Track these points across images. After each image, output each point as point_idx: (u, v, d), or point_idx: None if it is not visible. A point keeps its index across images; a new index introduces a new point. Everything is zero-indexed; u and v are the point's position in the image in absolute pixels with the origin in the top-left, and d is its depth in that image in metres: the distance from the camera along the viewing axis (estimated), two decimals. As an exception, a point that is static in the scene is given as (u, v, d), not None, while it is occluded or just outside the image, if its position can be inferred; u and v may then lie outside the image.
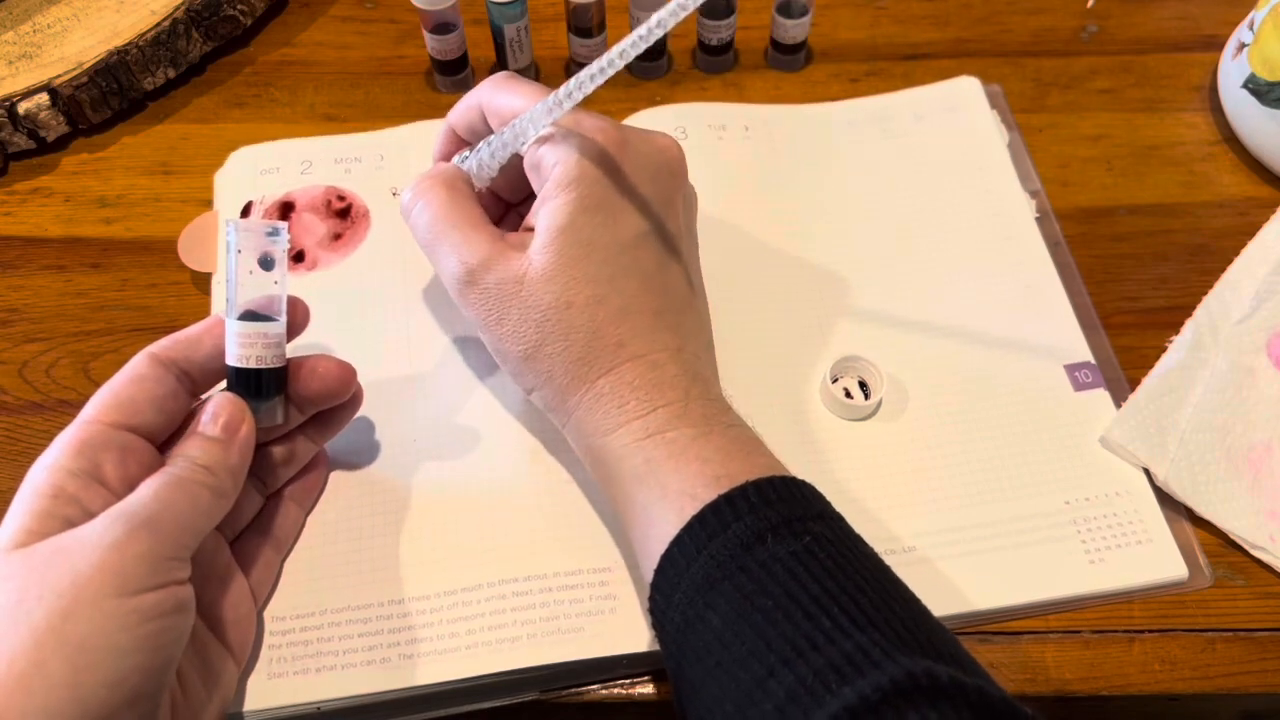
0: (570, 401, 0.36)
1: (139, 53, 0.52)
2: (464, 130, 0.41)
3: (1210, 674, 0.38)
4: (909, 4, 0.60)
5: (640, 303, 0.36)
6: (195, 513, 0.31)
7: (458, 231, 0.36)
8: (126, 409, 0.33)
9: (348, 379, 0.37)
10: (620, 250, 0.36)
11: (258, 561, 0.37)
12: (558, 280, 0.35)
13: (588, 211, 0.35)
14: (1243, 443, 0.41)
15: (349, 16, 0.59)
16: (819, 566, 0.30)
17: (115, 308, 0.47)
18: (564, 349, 0.35)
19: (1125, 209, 0.51)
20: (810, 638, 0.28)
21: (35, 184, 0.52)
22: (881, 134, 0.52)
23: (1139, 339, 0.45)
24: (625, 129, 0.37)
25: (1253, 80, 0.49)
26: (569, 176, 0.35)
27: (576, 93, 0.34)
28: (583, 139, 0.36)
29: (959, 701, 0.27)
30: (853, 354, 0.43)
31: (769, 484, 0.33)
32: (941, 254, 0.48)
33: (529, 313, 0.35)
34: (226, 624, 0.35)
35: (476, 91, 0.39)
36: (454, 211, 0.37)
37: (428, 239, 0.38)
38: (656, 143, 0.38)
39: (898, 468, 0.42)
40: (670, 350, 0.36)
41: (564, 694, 0.38)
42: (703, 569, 0.31)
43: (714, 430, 0.35)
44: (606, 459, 0.35)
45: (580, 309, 0.35)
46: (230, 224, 0.35)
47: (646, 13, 0.53)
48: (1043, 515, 0.40)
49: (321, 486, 0.40)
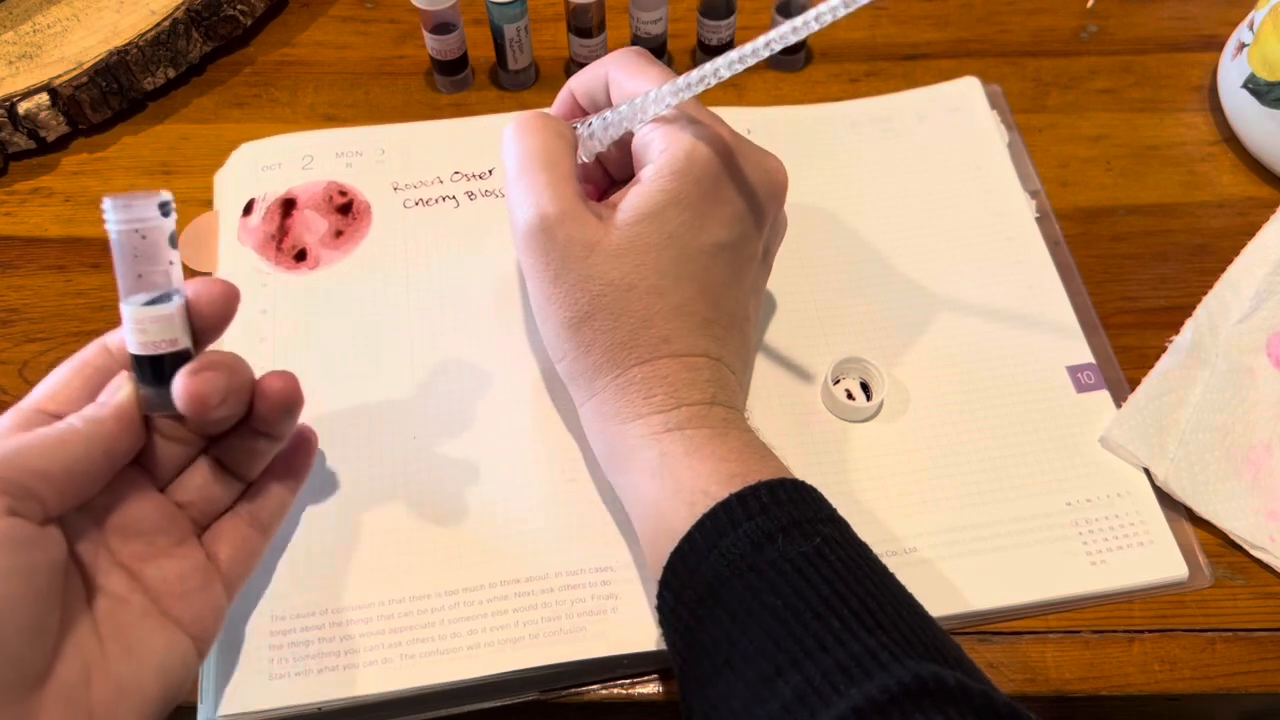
0: (599, 381, 0.36)
1: (139, 53, 0.52)
2: (584, 97, 0.40)
3: (1210, 674, 0.38)
4: (909, 4, 0.60)
5: (694, 306, 0.36)
6: (24, 452, 0.30)
7: (547, 174, 0.36)
8: (58, 395, 0.33)
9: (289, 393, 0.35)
10: (696, 254, 0.36)
11: (234, 540, 0.36)
12: (628, 261, 0.35)
13: (679, 207, 0.35)
14: (1243, 443, 0.41)
15: (349, 16, 0.59)
16: (829, 568, 0.30)
17: (115, 308, 0.47)
18: (611, 328, 0.35)
19: (1125, 209, 0.51)
20: (819, 638, 0.28)
21: (35, 184, 0.52)
22: (882, 134, 0.52)
23: (1139, 339, 0.45)
24: (741, 139, 0.37)
25: (1253, 80, 0.49)
26: (673, 168, 0.35)
27: (710, 78, 0.33)
28: (697, 134, 0.36)
29: (965, 706, 0.27)
30: (854, 355, 0.43)
31: (780, 485, 0.33)
32: (942, 254, 0.48)
33: (588, 282, 0.35)
34: (173, 596, 0.33)
35: (606, 62, 0.39)
36: (551, 155, 0.36)
37: (516, 171, 0.37)
38: (767, 163, 0.38)
39: (899, 468, 0.42)
40: (709, 357, 0.36)
41: (564, 694, 0.38)
42: (713, 567, 0.31)
43: (731, 434, 0.35)
44: (621, 447, 0.35)
45: (640, 295, 0.35)
46: (107, 200, 0.32)
47: (646, 13, 0.53)
48: (1044, 516, 0.40)
49: (309, 465, 0.39)
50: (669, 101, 0.35)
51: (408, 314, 0.46)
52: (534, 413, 0.43)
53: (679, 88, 0.34)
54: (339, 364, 0.44)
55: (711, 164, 0.36)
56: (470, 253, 0.48)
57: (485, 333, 0.45)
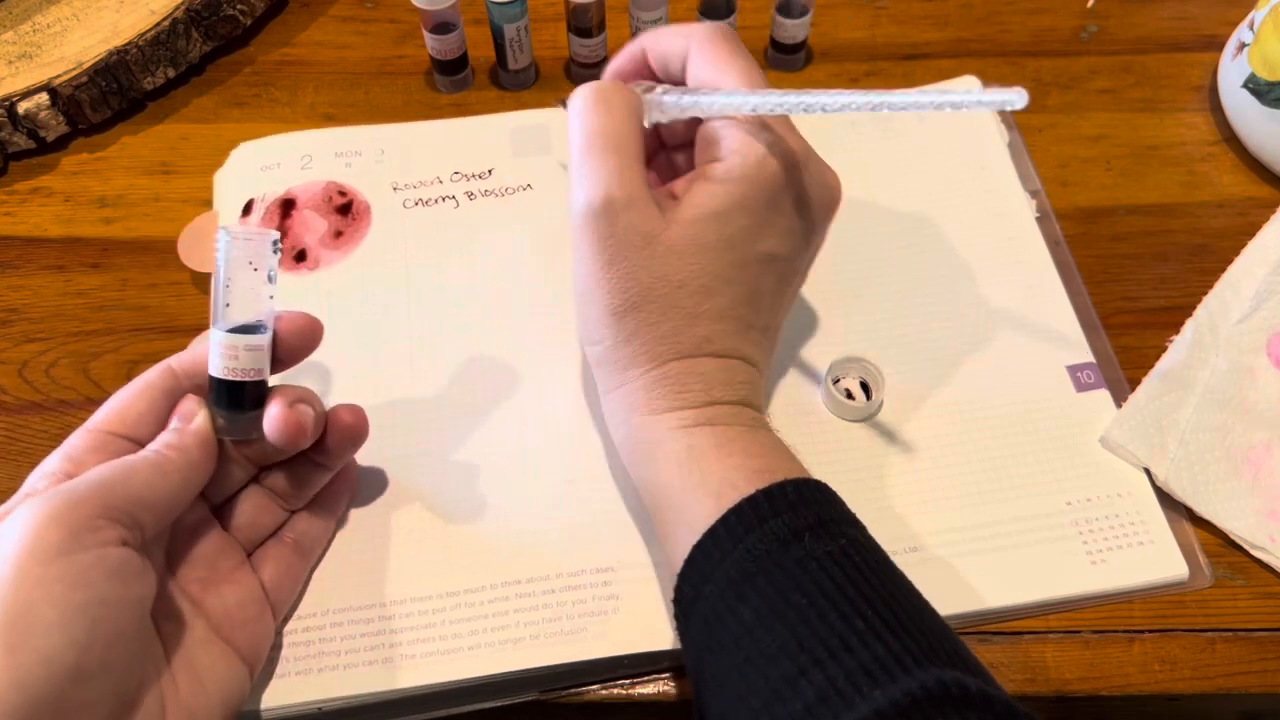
0: (632, 372, 0.36)
1: (139, 53, 0.52)
2: (657, 60, 0.39)
3: (1210, 674, 0.38)
4: (909, 4, 0.60)
5: (739, 310, 0.36)
6: (129, 481, 0.31)
7: (617, 156, 0.35)
8: (126, 417, 0.33)
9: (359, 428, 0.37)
10: (750, 261, 0.36)
11: (278, 565, 0.37)
12: (685, 257, 0.35)
13: (742, 211, 0.35)
14: (1243, 442, 0.41)
15: (349, 16, 0.59)
16: (854, 569, 0.30)
17: (115, 308, 0.47)
18: (658, 321, 0.35)
19: (1125, 209, 0.51)
20: (844, 639, 0.28)
21: (35, 184, 0.52)
22: (882, 134, 0.52)
23: (1139, 339, 0.45)
24: (808, 156, 0.37)
25: (1253, 80, 0.49)
26: (741, 171, 0.35)
27: (793, 107, 0.33)
28: (769, 142, 0.35)
29: (986, 713, 0.27)
30: (854, 355, 0.43)
31: (805, 484, 0.33)
32: (942, 254, 0.48)
33: (640, 272, 0.35)
34: (234, 624, 0.34)
35: (692, 33, 0.37)
36: (623, 135, 0.35)
37: (584, 147, 0.35)
38: (826, 178, 0.38)
39: (899, 468, 0.42)
40: (745, 360, 0.37)
41: (564, 694, 0.38)
42: (737, 562, 0.31)
43: (759, 432, 0.35)
44: (648, 438, 0.35)
45: (690, 293, 0.35)
46: (222, 231, 0.34)
47: (646, 13, 0.53)
48: (1044, 515, 0.40)
49: (349, 493, 0.40)
50: (743, 112, 0.35)
51: (407, 314, 0.46)
52: (535, 414, 0.43)
53: (757, 104, 0.34)
54: (338, 365, 0.44)
55: (779, 175, 0.35)
56: (470, 253, 0.48)
57: (485, 334, 0.45)
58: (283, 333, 0.35)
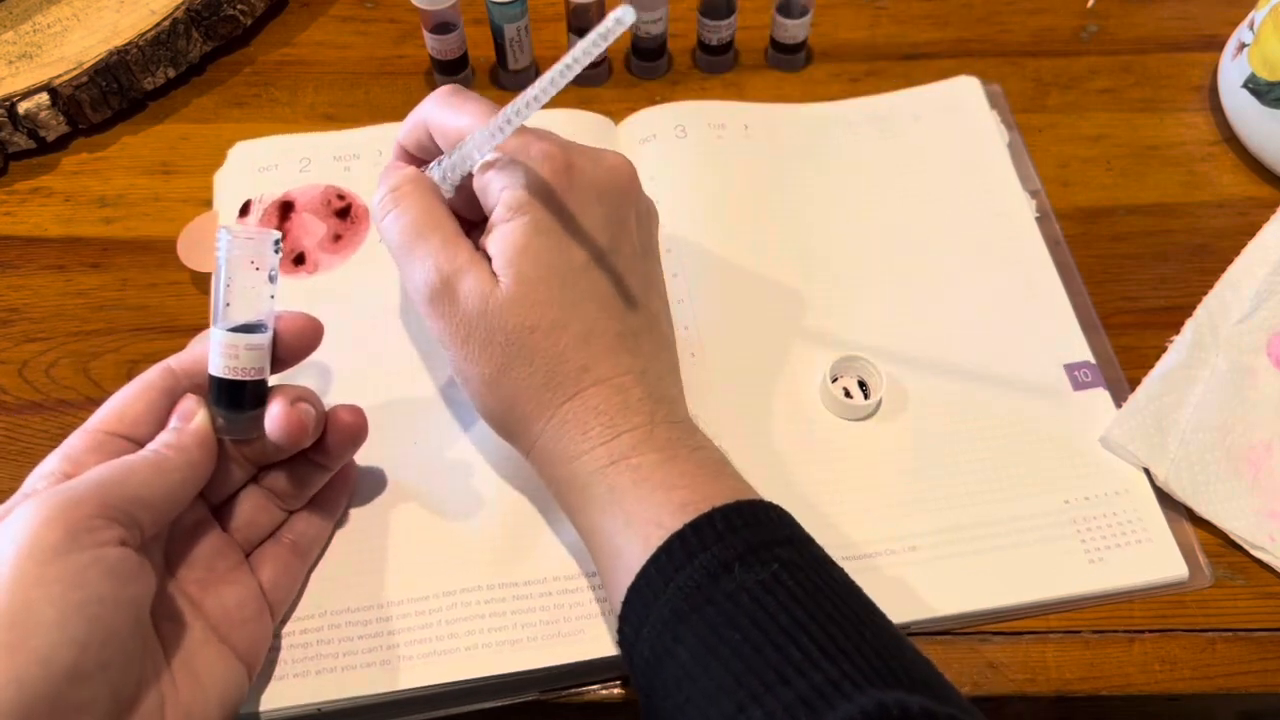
0: (534, 429, 0.35)
1: (139, 52, 0.52)
2: (414, 149, 0.39)
3: (1210, 674, 0.38)
4: (909, 4, 0.60)
5: (601, 326, 0.35)
6: (128, 480, 0.31)
7: (438, 236, 0.35)
8: (125, 417, 0.33)
9: (359, 428, 0.37)
10: (576, 273, 0.35)
11: (276, 565, 0.37)
12: (521, 303, 0.34)
13: (541, 234, 0.35)
14: (1243, 442, 0.41)
15: (349, 16, 0.59)
16: (787, 595, 0.30)
17: (115, 307, 0.47)
18: (528, 374, 0.35)
19: (1125, 209, 0.51)
20: (779, 671, 0.28)
21: (35, 184, 0.52)
22: (880, 134, 0.52)
23: (1139, 339, 0.45)
24: (572, 150, 0.36)
25: (1253, 80, 0.49)
26: (517, 201, 0.35)
27: (515, 119, 0.33)
28: (528, 164, 0.35)
29: None
30: (852, 353, 0.43)
31: (735, 510, 0.32)
32: (941, 253, 0.48)
33: (494, 334, 0.35)
34: (232, 624, 0.34)
35: (420, 109, 0.38)
36: (434, 216, 0.36)
37: (405, 242, 0.36)
38: (605, 162, 0.37)
39: (897, 467, 0.42)
40: (634, 373, 0.36)
41: (564, 694, 0.38)
42: (670, 602, 0.31)
43: (679, 454, 0.34)
44: (571, 487, 0.35)
45: (544, 334, 0.34)
46: (223, 230, 0.34)
47: (647, 13, 0.53)
48: (1042, 515, 0.40)
49: (348, 494, 0.40)
50: (488, 147, 0.35)
51: (408, 317, 0.46)
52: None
53: (491, 133, 0.34)
54: (337, 369, 0.44)
55: (552, 185, 0.35)
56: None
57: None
58: (283, 332, 0.35)
